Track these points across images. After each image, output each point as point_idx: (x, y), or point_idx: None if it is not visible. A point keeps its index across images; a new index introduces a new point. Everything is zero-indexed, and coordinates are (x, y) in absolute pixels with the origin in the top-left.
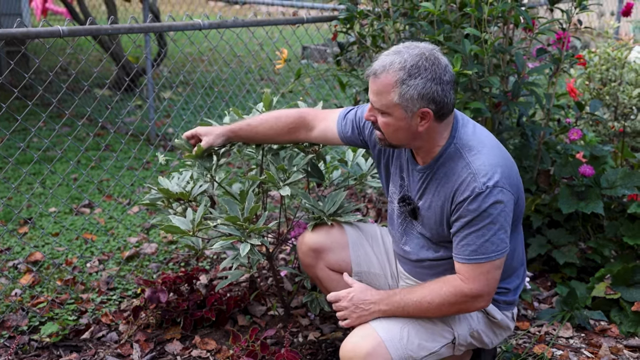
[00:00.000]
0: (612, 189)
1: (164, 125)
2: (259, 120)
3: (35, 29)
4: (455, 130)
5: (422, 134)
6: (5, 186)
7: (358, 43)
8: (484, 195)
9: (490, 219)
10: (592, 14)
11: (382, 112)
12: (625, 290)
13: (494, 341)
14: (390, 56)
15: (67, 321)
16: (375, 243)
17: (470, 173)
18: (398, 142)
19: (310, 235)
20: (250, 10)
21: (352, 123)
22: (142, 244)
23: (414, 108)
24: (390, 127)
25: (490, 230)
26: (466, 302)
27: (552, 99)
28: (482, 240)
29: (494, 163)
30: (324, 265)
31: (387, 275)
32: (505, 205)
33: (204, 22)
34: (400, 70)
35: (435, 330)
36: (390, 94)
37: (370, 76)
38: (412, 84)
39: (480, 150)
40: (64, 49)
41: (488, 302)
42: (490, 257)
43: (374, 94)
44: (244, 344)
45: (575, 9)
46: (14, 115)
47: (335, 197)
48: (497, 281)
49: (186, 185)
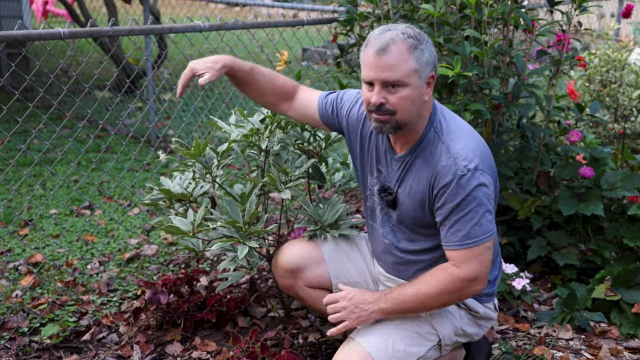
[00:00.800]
0: (612, 190)
1: (164, 127)
2: (263, 70)
3: (36, 31)
4: (434, 114)
5: (424, 106)
6: (6, 188)
7: (358, 45)
8: (466, 178)
9: (476, 202)
10: (592, 16)
11: (397, 86)
12: (625, 292)
13: (479, 332)
14: (386, 33)
15: (67, 323)
16: (351, 251)
17: (451, 157)
18: (409, 117)
19: (284, 256)
20: (251, 12)
21: (333, 104)
22: (143, 246)
23: (425, 73)
24: (407, 99)
25: (477, 213)
26: (463, 288)
27: (552, 101)
28: (471, 224)
29: (473, 147)
30: (302, 285)
31: (367, 282)
32: (488, 188)
33: (205, 24)
34: (409, 38)
35: (420, 334)
36: (408, 62)
37: (374, 56)
38: (423, 47)
39: (458, 134)
40: (65, 51)
41: (484, 284)
42: (482, 240)
43: (386, 69)
44: (244, 346)
45: (575, 10)
46: (15, 117)
47: (335, 206)
48: (490, 262)
49: (188, 185)
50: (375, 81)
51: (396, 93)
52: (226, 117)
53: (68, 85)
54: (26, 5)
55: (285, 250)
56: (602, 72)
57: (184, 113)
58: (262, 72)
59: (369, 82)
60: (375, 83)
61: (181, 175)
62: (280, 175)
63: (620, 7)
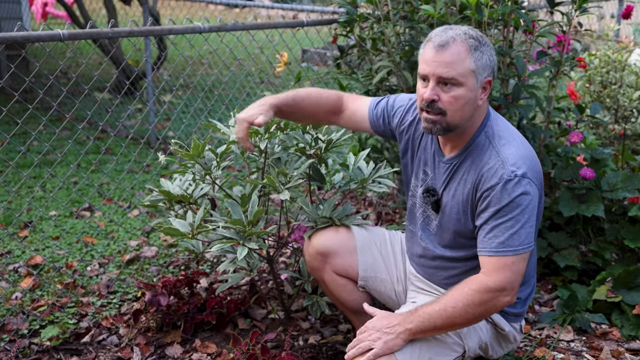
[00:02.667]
0: (612, 191)
1: (164, 128)
2: (304, 94)
3: (36, 33)
4: (487, 119)
5: (477, 110)
6: (5, 190)
7: (358, 46)
8: (512, 184)
9: (519, 209)
10: (592, 17)
11: (452, 84)
12: (626, 293)
13: (499, 353)
14: (448, 31)
15: (67, 324)
16: (384, 247)
17: (499, 160)
18: (460, 119)
19: (318, 239)
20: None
21: (384, 112)
22: (143, 248)
23: (482, 77)
24: (460, 100)
25: (518, 222)
26: (492, 299)
27: (552, 102)
28: (510, 232)
29: (523, 155)
30: (330, 270)
31: (393, 281)
32: (532, 198)
33: (204, 26)
34: (470, 38)
35: (447, 344)
36: (465, 61)
37: (432, 51)
38: (484, 50)
39: (510, 141)
40: (64, 53)
41: (513, 297)
42: (517, 250)
43: (443, 65)
44: (245, 348)
45: (576, 11)
46: (14, 118)
47: (333, 202)
48: (522, 275)
49: (187, 187)
50: (431, 76)
51: (449, 92)
52: (226, 118)
53: (68, 86)
54: (26, 7)
55: (320, 233)
56: (602, 73)
57: (184, 115)
58: (303, 98)
59: (424, 77)
60: (430, 78)
61: (181, 177)
62: (280, 177)
63: (620, 8)
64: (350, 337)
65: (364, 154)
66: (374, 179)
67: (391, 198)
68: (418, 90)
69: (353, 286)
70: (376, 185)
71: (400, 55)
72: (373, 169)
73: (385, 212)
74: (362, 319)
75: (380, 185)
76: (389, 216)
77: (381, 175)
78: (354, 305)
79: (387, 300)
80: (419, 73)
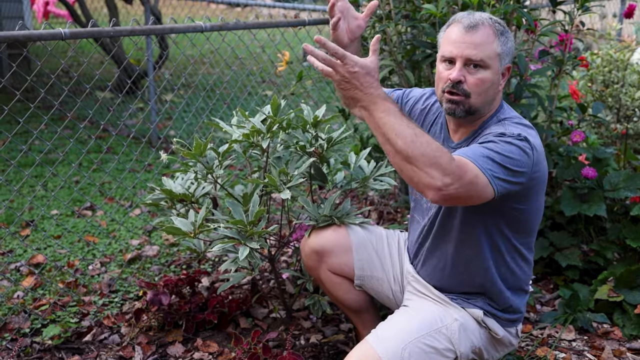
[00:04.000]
0: (614, 191)
1: (165, 127)
2: None
3: (38, 32)
4: (501, 107)
5: (496, 95)
6: (7, 189)
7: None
8: (507, 134)
9: (503, 145)
10: (594, 16)
11: (480, 66)
12: (628, 293)
13: (495, 356)
14: (475, 14)
15: (69, 324)
16: (380, 246)
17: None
18: (482, 102)
19: (313, 238)
20: (252, 13)
21: (398, 99)
22: (144, 247)
23: (505, 62)
24: (486, 82)
25: (497, 155)
26: (440, 174)
27: (554, 101)
28: (486, 153)
29: (529, 133)
30: (326, 268)
31: (389, 280)
32: (522, 154)
33: (206, 25)
34: (495, 23)
35: (437, 350)
36: (492, 44)
37: (461, 32)
38: (508, 36)
39: (518, 123)
40: (66, 52)
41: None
42: (483, 169)
43: (472, 47)
44: (246, 347)
45: (578, 10)
46: (16, 117)
47: (333, 200)
48: (472, 190)
49: (189, 186)
50: (459, 58)
51: (476, 74)
52: (227, 117)
53: (69, 85)
54: (27, 5)
55: (316, 232)
56: (604, 73)
57: (186, 114)
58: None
59: (449, 59)
60: (457, 60)
61: (183, 176)
62: (281, 176)
63: (623, 7)
64: (351, 336)
65: (365, 153)
66: (375, 177)
67: (392, 197)
68: (440, 73)
69: (349, 285)
70: (377, 183)
71: (402, 55)
72: (374, 167)
73: (387, 211)
74: (362, 317)
75: (382, 183)
76: (390, 215)
77: (382, 173)
78: (351, 304)
79: (384, 299)
80: (441, 55)
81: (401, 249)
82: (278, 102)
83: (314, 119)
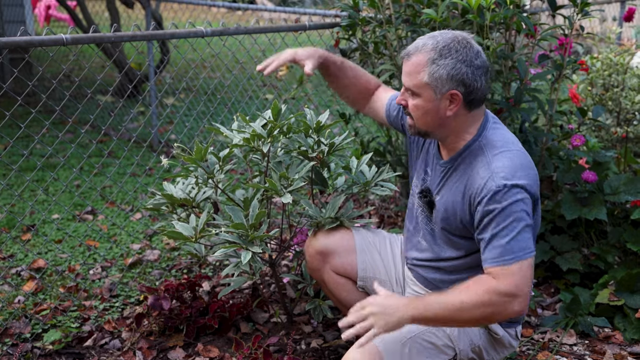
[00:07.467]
0: (615, 195)
1: (166, 131)
2: (352, 64)
3: (39, 37)
4: (483, 129)
5: (450, 120)
6: (8, 193)
7: (360, 50)
8: (502, 194)
9: (513, 217)
10: (594, 20)
11: (412, 93)
12: (629, 297)
13: (495, 358)
14: (424, 39)
15: (70, 328)
16: (383, 248)
17: (489, 171)
18: (426, 127)
19: (318, 238)
20: (253, 17)
21: (399, 107)
22: (145, 251)
23: (443, 89)
24: (420, 109)
25: (514, 230)
26: (502, 303)
27: (554, 105)
28: (507, 240)
29: (516, 165)
30: (329, 269)
31: (392, 282)
32: (526, 205)
33: (207, 30)
34: (432, 50)
35: (437, 346)
36: (420, 74)
37: (403, 58)
38: (441, 63)
39: (503, 151)
40: (67, 56)
41: (524, 306)
42: (519, 257)
43: (405, 74)
44: (247, 352)
45: (578, 14)
46: (17, 122)
47: (336, 203)
48: (530, 280)
49: (190, 191)
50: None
51: (411, 100)
52: (228, 122)
53: (71, 90)
54: (29, 10)
55: (320, 233)
56: (604, 76)
57: (187, 118)
58: (351, 67)
59: None
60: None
61: (184, 181)
62: (282, 180)
63: (622, 11)
64: (353, 341)
65: (366, 158)
66: (377, 182)
67: (393, 201)
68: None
69: (352, 286)
70: (379, 188)
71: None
72: (376, 172)
73: (387, 215)
74: None
75: (383, 189)
76: (391, 219)
77: (384, 178)
78: (353, 305)
79: None
80: None
81: (403, 252)
82: (279, 106)
83: (317, 124)
